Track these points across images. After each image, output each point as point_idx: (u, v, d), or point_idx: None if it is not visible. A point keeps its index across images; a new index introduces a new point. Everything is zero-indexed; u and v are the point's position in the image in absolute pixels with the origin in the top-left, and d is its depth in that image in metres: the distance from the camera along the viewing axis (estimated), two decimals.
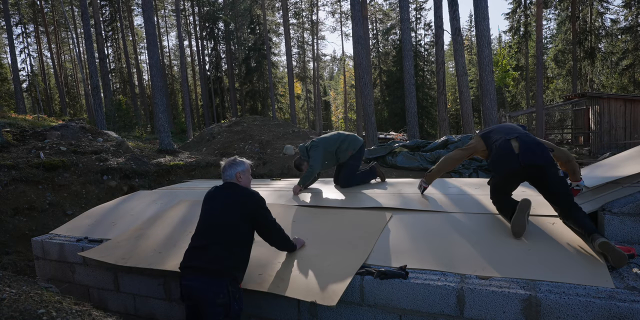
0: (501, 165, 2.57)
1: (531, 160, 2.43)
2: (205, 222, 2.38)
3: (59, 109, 36.54)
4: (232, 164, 2.53)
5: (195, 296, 2.19)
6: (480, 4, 11.29)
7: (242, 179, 2.50)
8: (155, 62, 10.78)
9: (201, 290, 2.16)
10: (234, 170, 2.49)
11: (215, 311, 2.13)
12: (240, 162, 2.55)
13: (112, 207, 4.29)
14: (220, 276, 2.17)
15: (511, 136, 2.58)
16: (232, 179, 2.49)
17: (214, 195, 2.47)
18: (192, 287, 2.19)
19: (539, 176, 2.49)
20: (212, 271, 2.17)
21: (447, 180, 4.13)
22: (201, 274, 2.18)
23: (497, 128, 2.84)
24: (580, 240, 2.33)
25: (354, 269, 2.33)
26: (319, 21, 44.48)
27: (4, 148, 7.37)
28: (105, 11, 33.65)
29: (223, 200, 2.40)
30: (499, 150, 2.57)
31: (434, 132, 29.52)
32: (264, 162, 9.89)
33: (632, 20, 25.21)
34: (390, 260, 2.40)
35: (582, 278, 1.96)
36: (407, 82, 14.28)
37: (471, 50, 40.47)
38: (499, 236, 2.48)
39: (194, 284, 2.18)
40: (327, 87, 49.72)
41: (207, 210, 2.42)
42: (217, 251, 2.22)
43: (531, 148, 2.47)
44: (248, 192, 2.44)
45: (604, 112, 16.54)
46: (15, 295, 2.27)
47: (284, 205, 3.59)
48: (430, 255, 2.39)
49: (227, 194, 2.43)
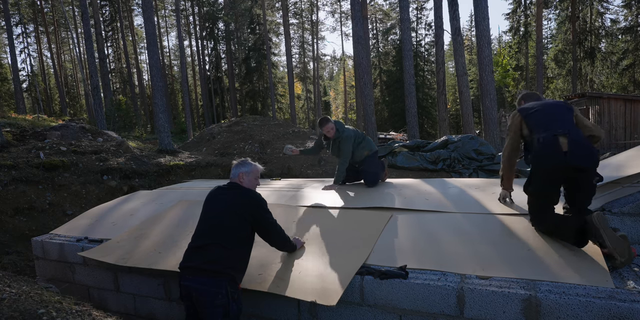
0: (545, 161, 2.29)
1: (579, 161, 2.19)
2: (205, 222, 2.37)
3: (59, 109, 36.53)
4: (239, 164, 2.55)
5: (194, 296, 2.19)
6: (480, 4, 11.30)
7: (245, 180, 2.49)
8: (155, 62, 10.78)
9: (200, 290, 2.16)
10: (238, 170, 2.51)
11: (213, 311, 2.13)
12: (248, 164, 2.56)
13: (112, 207, 4.29)
14: (219, 276, 2.17)
15: (559, 131, 2.29)
16: (235, 178, 2.51)
17: (216, 196, 2.47)
18: (191, 288, 2.19)
19: (578, 177, 2.28)
20: (210, 272, 2.17)
21: (447, 181, 4.13)
22: (200, 274, 2.18)
23: (540, 108, 2.50)
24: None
25: (354, 268, 2.33)
26: (319, 21, 44.49)
27: (4, 148, 7.37)
28: (105, 11, 33.66)
29: (224, 201, 2.39)
30: (544, 146, 2.29)
31: (434, 132, 29.52)
32: (264, 162, 9.89)
33: (632, 20, 25.22)
34: (390, 260, 2.40)
35: (582, 278, 1.96)
36: (407, 82, 14.29)
37: (471, 50, 40.48)
38: (498, 236, 2.48)
39: (193, 284, 2.18)
40: (327, 87, 49.75)
41: (208, 210, 2.42)
42: (216, 252, 2.22)
43: (580, 147, 2.22)
44: (249, 193, 2.43)
45: (604, 112, 16.54)
46: (15, 295, 2.27)
47: (284, 205, 3.58)
48: (431, 255, 2.39)
49: (228, 195, 2.42)
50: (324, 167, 9.21)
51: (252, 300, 2.64)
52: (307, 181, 4.89)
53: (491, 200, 3.05)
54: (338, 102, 52.21)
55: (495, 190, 3.20)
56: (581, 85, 27.04)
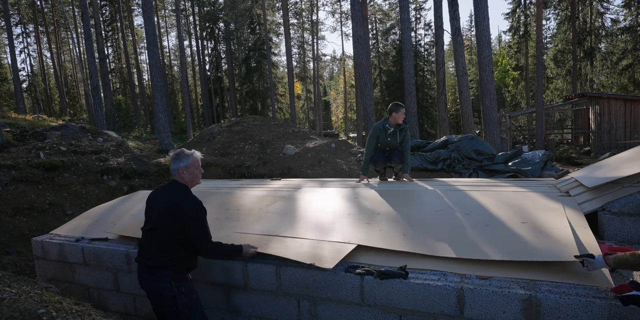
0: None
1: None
2: (147, 222, 2.45)
3: (59, 109, 36.55)
4: (175, 158, 2.42)
5: (147, 292, 2.39)
6: (480, 4, 11.30)
7: (185, 175, 2.40)
8: (155, 62, 10.79)
9: (148, 286, 2.36)
10: (177, 165, 2.39)
11: (165, 304, 2.31)
12: (184, 156, 2.41)
13: (112, 207, 4.29)
14: (161, 272, 2.29)
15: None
16: (175, 175, 2.42)
17: (156, 197, 2.47)
18: (142, 284, 2.38)
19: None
20: (153, 267, 2.31)
21: (447, 181, 4.13)
22: (146, 271, 2.34)
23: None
24: (581, 240, 2.32)
25: (352, 246, 2.51)
26: (319, 21, 44.50)
27: (4, 148, 7.37)
28: (105, 11, 33.66)
29: (159, 204, 2.39)
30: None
31: (434, 132, 29.53)
32: (264, 162, 9.89)
33: (632, 20, 25.21)
34: (390, 259, 2.39)
35: (582, 278, 1.96)
36: (407, 82, 14.29)
37: (471, 50, 40.49)
38: (498, 236, 2.48)
39: (142, 280, 2.38)
40: (327, 87, 49.75)
41: (148, 211, 2.47)
42: (157, 249, 2.32)
43: None
44: (182, 200, 2.33)
45: (604, 112, 16.54)
46: (15, 295, 2.27)
47: (279, 197, 3.58)
48: (430, 254, 2.39)
49: (163, 198, 2.39)
50: (324, 167, 9.21)
51: (252, 300, 2.64)
52: (306, 181, 4.89)
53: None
54: (338, 102, 52.25)
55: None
56: (581, 85, 27.05)
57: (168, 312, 2.31)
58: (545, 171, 7.56)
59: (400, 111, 4.21)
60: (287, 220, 3.12)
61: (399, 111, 4.21)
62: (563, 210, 2.69)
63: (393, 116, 4.25)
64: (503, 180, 4.20)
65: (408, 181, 4.34)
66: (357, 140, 22.31)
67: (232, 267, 2.68)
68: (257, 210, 3.44)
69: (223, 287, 2.74)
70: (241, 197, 3.96)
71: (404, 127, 4.35)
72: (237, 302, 2.72)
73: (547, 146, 16.26)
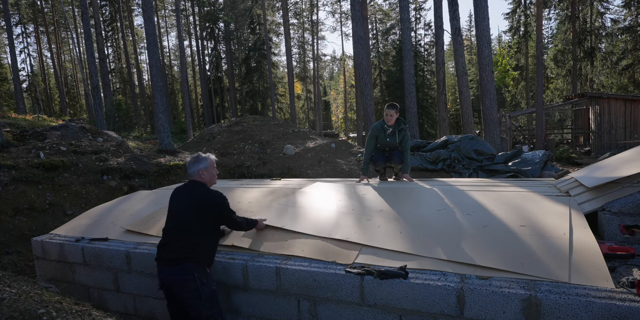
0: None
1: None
2: (170, 220, 2.59)
3: (59, 109, 36.55)
4: (194, 161, 2.69)
5: (169, 286, 2.47)
6: (480, 4, 11.30)
7: (205, 175, 2.68)
8: (155, 62, 10.78)
9: (171, 280, 2.43)
10: (196, 167, 2.67)
11: (188, 295, 2.39)
12: (202, 158, 2.70)
13: (112, 207, 4.29)
14: (185, 263, 2.40)
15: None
16: (195, 176, 2.67)
17: (179, 194, 2.67)
18: (164, 279, 2.46)
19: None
20: (178, 260, 2.41)
21: (446, 181, 4.13)
22: (169, 264, 2.43)
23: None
24: (581, 240, 2.32)
25: (361, 246, 2.58)
26: (319, 21, 44.52)
27: (4, 148, 7.37)
28: (105, 11, 33.66)
29: (189, 199, 2.59)
30: None
31: (434, 132, 29.52)
32: (264, 162, 9.89)
33: (632, 20, 25.21)
34: (389, 258, 2.39)
35: (582, 278, 1.96)
36: (407, 82, 14.29)
37: (471, 50, 40.50)
38: (499, 236, 2.48)
39: (164, 275, 2.46)
40: (327, 87, 49.73)
41: (173, 208, 2.64)
42: (182, 243, 2.46)
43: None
44: (211, 193, 2.62)
45: (604, 112, 16.54)
46: (15, 295, 2.27)
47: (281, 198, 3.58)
48: (430, 254, 2.39)
49: (191, 194, 2.62)
50: (324, 167, 9.21)
51: (252, 300, 2.64)
52: (306, 181, 4.89)
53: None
54: (338, 102, 52.26)
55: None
56: (581, 85, 27.05)
57: (189, 304, 2.40)
58: (545, 171, 7.56)
59: (389, 110, 4.25)
60: (287, 221, 3.12)
61: (389, 110, 4.27)
62: (566, 214, 2.64)
63: (385, 115, 4.34)
64: (503, 180, 4.20)
65: (408, 181, 4.35)
66: (357, 140, 22.31)
67: (232, 266, 2.68)
68: (256, 210, 3.45)
69: (223, 286, 2.74)
70: (242, 196, 3.96)
71: (404, 127, 4.36)
72: (237, 302, 2.72)
73: (547, 146, 16.26)
